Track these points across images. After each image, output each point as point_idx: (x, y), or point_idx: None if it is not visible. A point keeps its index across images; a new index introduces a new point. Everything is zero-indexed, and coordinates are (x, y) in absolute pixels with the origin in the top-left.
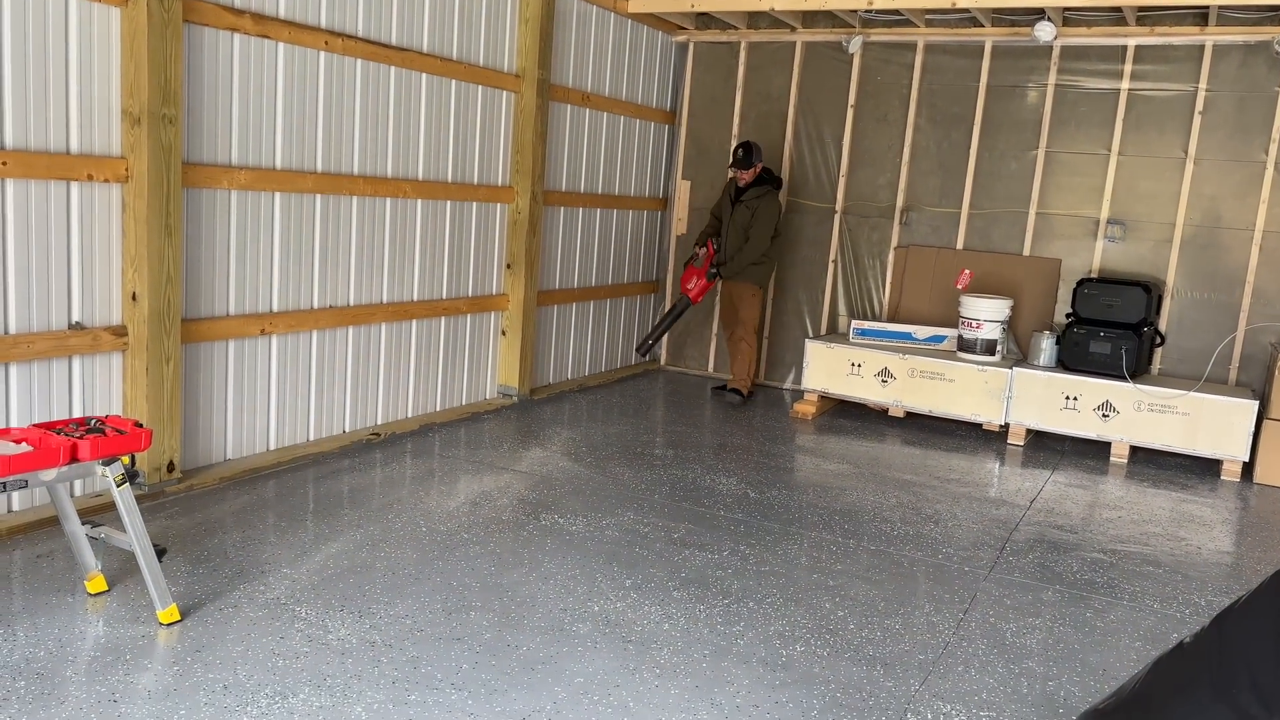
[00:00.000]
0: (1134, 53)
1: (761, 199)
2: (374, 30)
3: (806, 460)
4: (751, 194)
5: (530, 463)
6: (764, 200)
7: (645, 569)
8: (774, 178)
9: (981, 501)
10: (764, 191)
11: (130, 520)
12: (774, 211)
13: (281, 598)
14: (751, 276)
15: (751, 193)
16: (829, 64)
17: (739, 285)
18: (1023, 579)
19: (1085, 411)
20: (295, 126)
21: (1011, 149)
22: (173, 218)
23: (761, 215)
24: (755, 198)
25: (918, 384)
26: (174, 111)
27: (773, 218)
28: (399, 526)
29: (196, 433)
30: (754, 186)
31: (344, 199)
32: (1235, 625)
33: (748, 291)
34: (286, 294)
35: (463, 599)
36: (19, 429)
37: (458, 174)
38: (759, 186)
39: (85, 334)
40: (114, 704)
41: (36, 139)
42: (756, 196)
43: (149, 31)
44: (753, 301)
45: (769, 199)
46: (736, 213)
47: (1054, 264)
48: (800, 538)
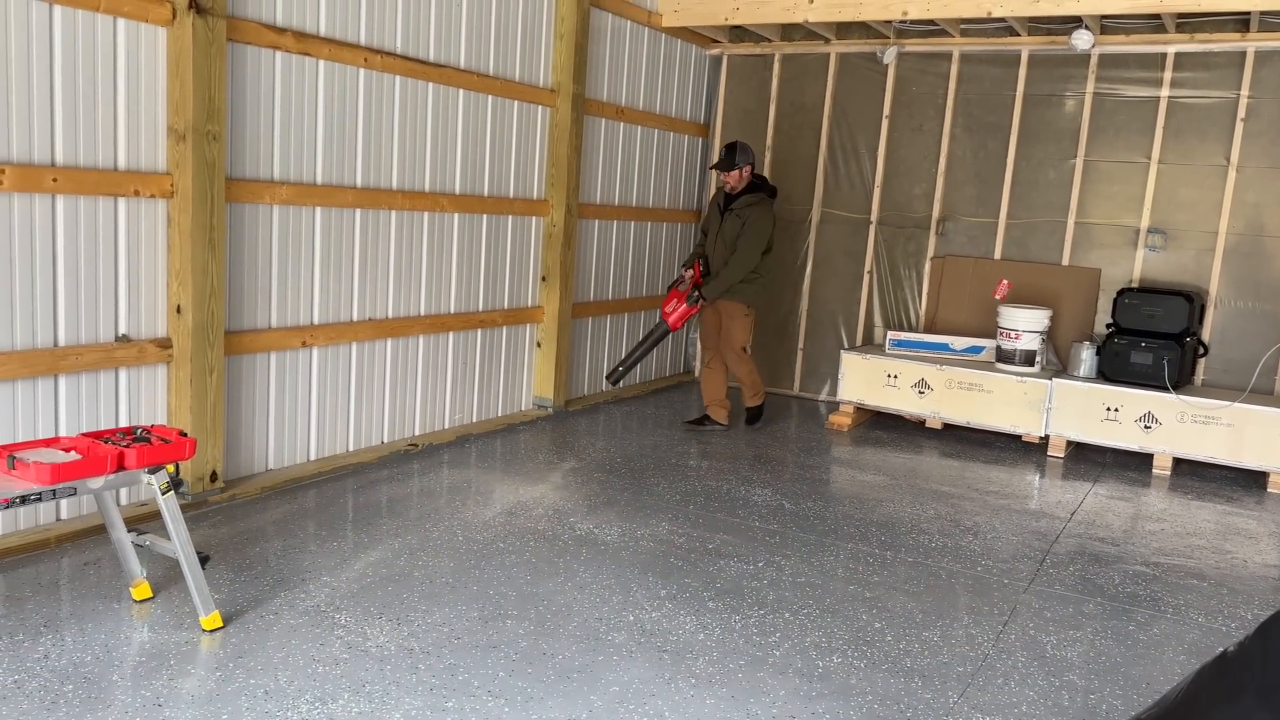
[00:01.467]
0: (1174, 60)
1: (753, 208)
2: (412, 47)
3: (842, 472)
4: (742, 202)
5: (565, 473)
6: (755, 210)
7: (680, 579)
8: (767, 185)
9: (1021, 514)
10: (756, 200)
11: (174, 528)
12: (766, 223)
13: (321, 605)
14: (740, 295)
15: (742, 201)
16: (863, 75)
17: (727, 304)
18: (1063, 591)
19: (1127, 423)
20: (335, 142)
21: (1049, 158)
22: (216, 232)
23: (751, 227)
24: (746, 206)
25: (955, 395)
26: (218, 128)
27: (764, 230)
28: (436, 536)
29: (239, 443)
30: (745, 194)
31: (383, 213)
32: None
33: (738, 312)
34: (327, 307)
35: (499, 607)
36: (68, 438)
37: (494, 188)
38: (750, 194)
39: (131, 346)
40: (158, 708)
41: (86, 156)
42: (747, 205)
43: (194, 51)
44: (744, 323)
45: (761, 209)
46: (725, 224)
47: (1093, 274)
48: (836, 549)
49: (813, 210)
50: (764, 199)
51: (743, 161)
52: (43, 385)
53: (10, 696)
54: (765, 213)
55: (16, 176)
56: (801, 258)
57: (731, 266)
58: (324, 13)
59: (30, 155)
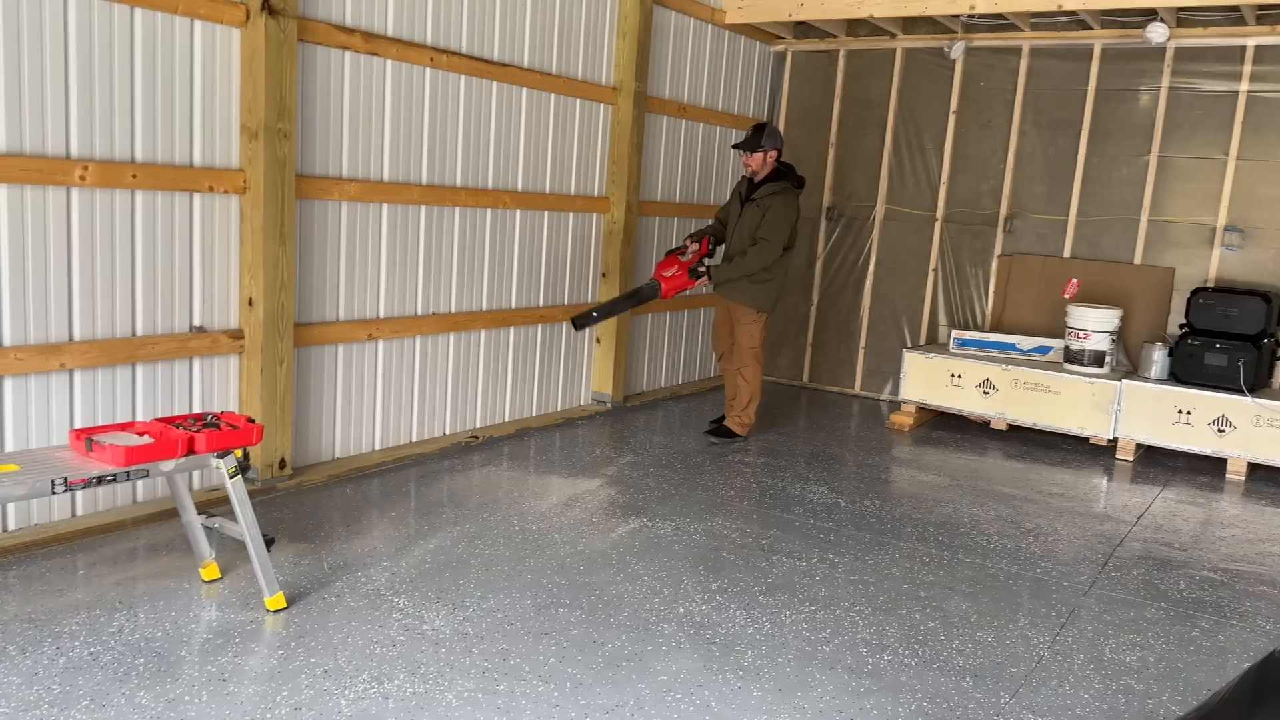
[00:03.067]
0: (1254, 53)
1: (775, 197)
2: (477, 47)
3: (901, 471)
4: (764, 191)
5: (621, 467)
6: (778, 200)
7: (731, 573)
8: (794, 174)
9: (1085, 516)
10: (780, 189)
11: (241, 510)
12: (789, 214)
13: (381, 589)
14: (750, 298)
15: (765, 189)
16: (930, 70)
17: (736, 306)
18: (1125, 595)
19: (1199, 426)
20: (402, 140)
21: (1122, 154)
22: (287, 227)
23: (773, 217)
24: (768, 195)
25: (1021, 396)
26: (289, 126)
27: (786, 221)
28: (494, 525)
29: (307, 432)
30: (768, 182)
31: (447, 209)
32: None
33: (746, 317)
34: (392, 301)
35: (552, 596)
36: (142, 423)
37: (555, 185)
38: (774, 183)
39: (205, 337)
40: (223, 683)
41: (164, 152)
42: (770, 194)
43: (266, 51)
44: (752, 329)
45: (784, 198)
46: (745, 213)
47: (1167, 273)
48: (892, 548)
49: (877, 207)
50: (788, 188)
51: (769, 145)
52: (121, 373)
53: (86, 667)
54: (789, 203)
55: (99, 173)
56: (864, 255)
57: (750, 257)
58: (391, 13)
59: (111, 152)
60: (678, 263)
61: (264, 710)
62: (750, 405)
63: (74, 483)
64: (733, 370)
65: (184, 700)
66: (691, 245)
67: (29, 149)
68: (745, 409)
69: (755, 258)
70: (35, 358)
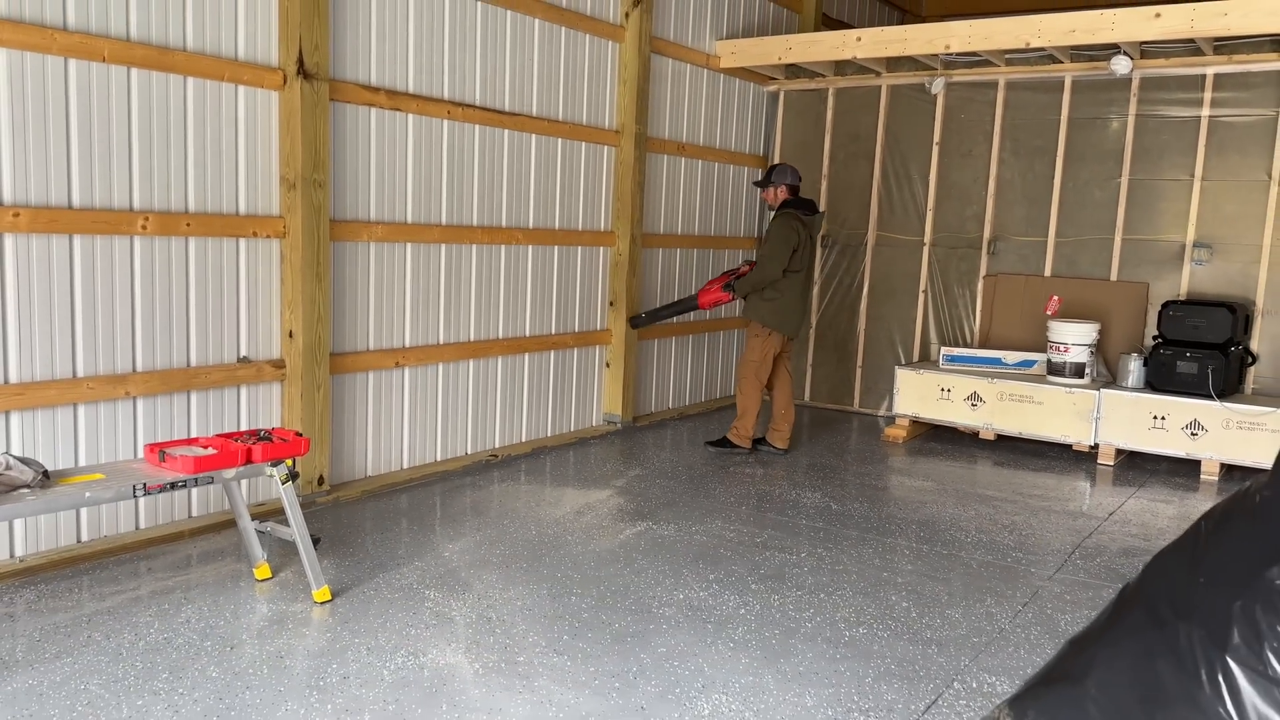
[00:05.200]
0: (1213, 80)
1: (774, 221)
2: (490, 99)
3: (892, 478)
4: (772, 219)
5: (630, 480)
6: (775, 223)
7: (728, 566)
8: (798, 201)
9: (1060, 514)
10: (779, 214)
11: (292, 512)
12: (783, 234)
13: (413, 584)
14: (759, 314)
15: (772, 218)
16: (913, 104)
17: (749, 324)
18: (1086, 579)
19: (1173, 430)
20: (423, 185)
21: (1095, 178)
22: (322, 266)
23: (770, 238)
24: (771, 220)
25: (1007, 407)
26: (323, 176)
27: (781, 239)
28: (513, 530)
29: (342, 451)
30: (777, 212)
31: (465, 247)
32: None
33: (752, 331)
34: (417, 331)
35: (565, 587)
36: (205, 437)
37: (564, 221)
38: (780, 211)
39: (250, 366)
40: (280, 659)
41: (213, 203)
42: (772, 220)
43: (302, 111)
44: (754, 343)
45: (780, 220)
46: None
47: (1141, 288)
48: (876, 543)
49: (868, 234)
50: (785, 212)
51: (778, 180)
52: (178, 399)
53: (161, 648)
54: (784, 224)
55: (158, 222)
56: (858, 279)
57: (751, 274)
58: (412, 73)
59: (168, 204)
60: (715, 282)
61: (317, 679)
62: (745, 417)
63: (152, 488)
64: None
65: (248, 673)
66: (744, 268)
67: (98, 204)
68: (741, 420)
69: (755, 275)
70: (104, 386)
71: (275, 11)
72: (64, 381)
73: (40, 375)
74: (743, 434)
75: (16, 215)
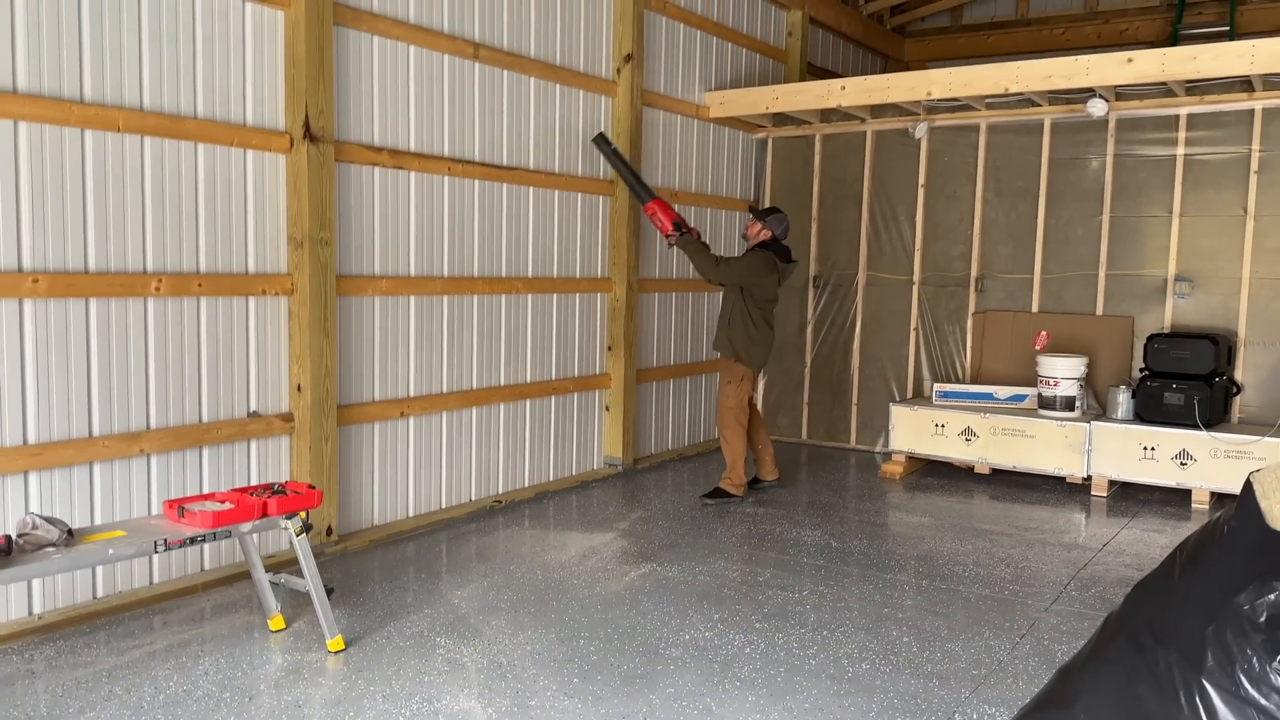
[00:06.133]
0: (1187, 120)
1: (750, 251)
2: (488, 155)
3: (890, 514)
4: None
5: (633, 522)
6: (751, 251)
7: (732, 606)
8: (775, 247)
9: (1055, 546)
10: (759, 249)
11: (306, 563)
12: (749, 261)
13: (424, 631)
14: (741, 348)
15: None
16: (898, 148)
17: (723, 363)
18: (1082, 609)
19: (1164, 461)
20: (425, 239)
21: (1077, 216)
22: (329, 321)
23: (738, 257)
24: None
25: (1000, 441)
26: (329, 235)
27: (748, 264)
28: (519, 575)
29: (349, 501)
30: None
31: (466, 298)
32: (1142, 585)
33: (727, 373)
34: (421, 380)
35: (573, 630)
36: (222, 492)
37: (562, 269)
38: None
39: (260, 421)
40: (299, 709)
41: (224, 263)
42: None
43: (308, 172)
44: (730, 389)
45: (752, 252)
46: None
47: (1127, 321)
48: (876, 579)
49: (859, 274)
50: (760, 249)
51: (772, 225)
52: (190, 455)
53: (182, 701)
54: (759, 257)
55: (171, 284)
56: (850, 318)
57: (701, 253)
58: (413, 132)
59: (180, 265)
60: (676, 215)
61: None
62: (735, 466)
63: (172, 543)
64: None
65: None
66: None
67: (114, 267)
68: (732, 470)
69: (703, 258)
70: (120, 445)
71: (282, 78)
72: (81, 441)
73: (58, 435)
74: (736, 482)
75: (36, 281)
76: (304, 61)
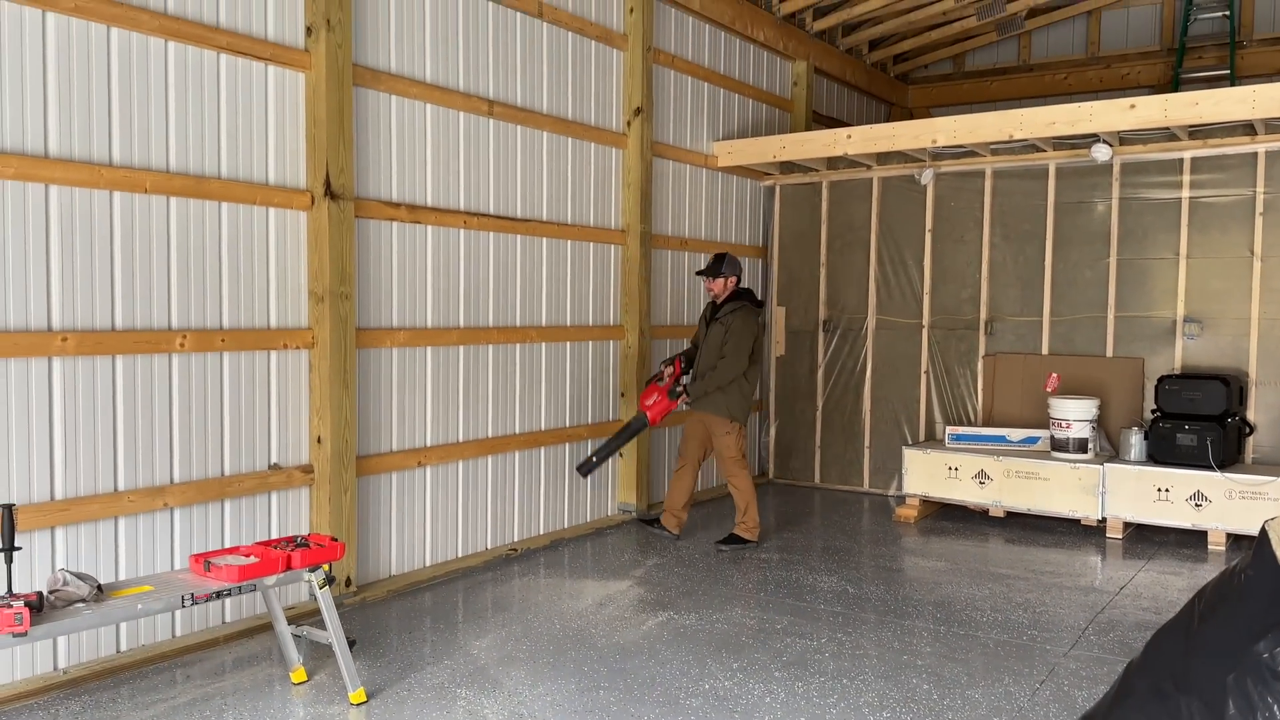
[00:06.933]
0: (1191, 164)
1: (736, 314)
2: (503, 207)
3: (906, 559)
4: (726, 310)
5: (648, 569)
6: (738, 316)
7: (750, 654)
8: (751, 296)
9: (1072, 590)
10: (739, 307)
11: (329, 615)
12: (750, 328)
13: (444, 683)
14: (722, 409)
15: (727, 308)
16: (904, 194)
17: (711, 419)
18: (1101, 654)
19: (1178, 502)
20: (442, 290)
21: (1084, 259)
22: (349, 374)
23: (736, 333)
24: (730, 313)
25: (1014, 484)
26: (349, 289)
27: (749, 334)
28: (537, 625)
29: (367, 552)
30: (729, 303)
31: (482, 347)
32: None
33: (720, 428)
34: (437, 430)
35: (592, 681)
36: (246, 546)
37: (575, 318)
38: (734, 302)
39: (281, 473)
40: None
41: (246, 318)
42: (731, 312)
43: (329, 229)
44: (728, 440)
45: (743, 314)
46: (711, 331)
47: (1137, 363)
48: (894, 626)
49: (868, 318)
50: (747, 306)
51: (729, 271)
52: (212, 508)
53: None
54: (748, 318)
55: (195, 340)
56: (860, 362)
57: (719, 370)
58: (430, 187)
59: (204, 321)
60: (657, 389)
61: None
62: (750, 509)
63: (199, 597)
64: (687, 476)
65: None
66: (666, 369)
67: (140, 324)
68: (746, 514)
69: (723, 371)
70: (144, 499)
71: (303, 138)
72: (106, 496)
73: (84, 490)
74: (750, 526)
75: (65, 340)
76: (325, 122)
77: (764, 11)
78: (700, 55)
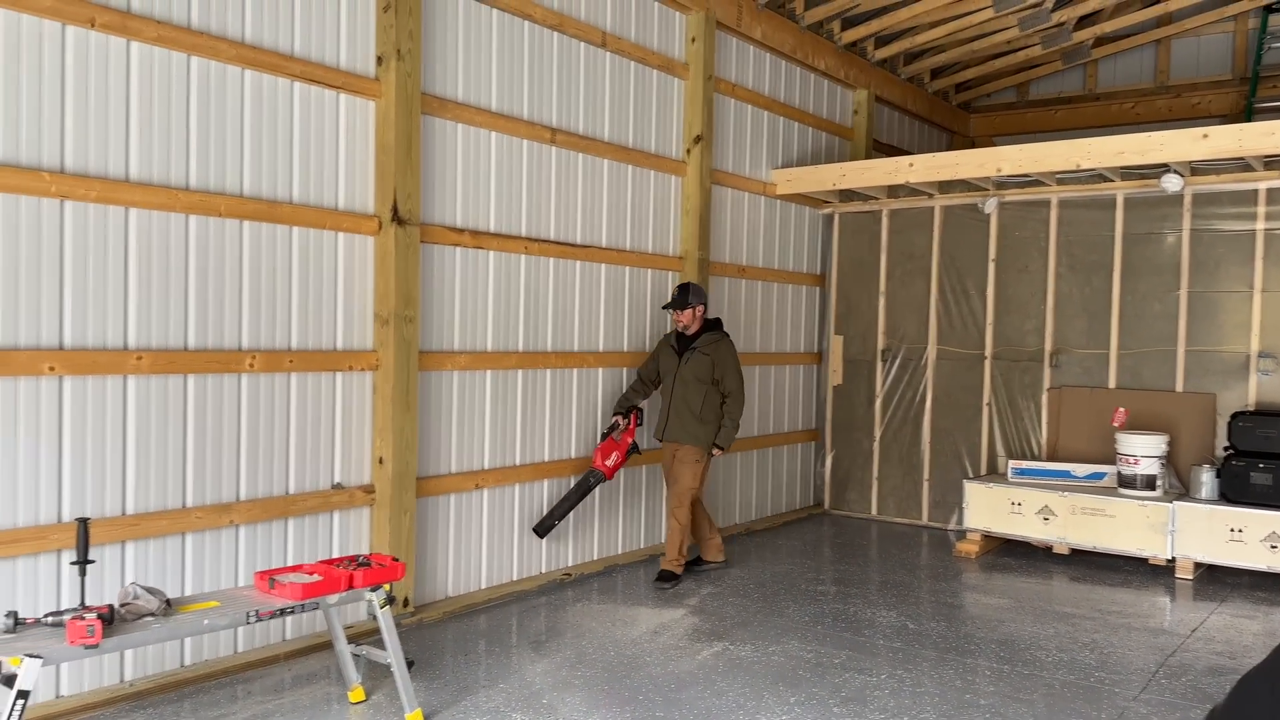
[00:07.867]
0: (1266, 195)
1: (719, 345)
2: (563, 233)
3: (967, 595)
4: (705, 340)
5: (703, 598)
6: (723, 346)
7: (808, 688)
8: (720, 324)
9: (1140, 631)
10: (719, 337)
11: (388, 636)
12: (737, 359)
13: (500, 706)
14: (701, 438)
15: (705, 339)
16: (967, 223)
17: (684, 448)
18: (1173, 699)
19: (1252, 543)
20: (502, 315)
21: (1153, 291)
22: (411, 396)
23: (729, 366)
24: (711, 344)
25: (1080, 520)
26: (413, 312)
27: (738, 364)
28: (591, 652)
29: (425, 573)
30: (705, 333)
31: (540, 372)
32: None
33: (691, 455)
34: (496, 453)
35: (648, 710)
36: (310, 564)
37: (633, 344)
38: (712, 332)
39: (343, 493)
40: None
41: (313, 340)
42: (712, 343)
43: (395, 253)
44: (695, 469)
45: (728, 344)
46: (688, 363)
47: (1209, 399)
48: (956, 663)
49: (928, 349)
50: (727, 336)
51: (695, 301)
52: (276, 526)
53: None
54: (733, 348)
55: (264, 360)
56: (920, 393)
57: (731, 407)
58: (494, 215)
59: (274, 342)
60: (615, 448)
61: None
62: (683, 544)
63: (264, 614)
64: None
65: None
66: (621, 421)
67: (211, 345)
68: (679, 547)
69: (737, 409)
70: (211, 515)
71: (372, 165)
72: (175, 512)
73: (154, 506)
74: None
75: (140, 359)
76: (393, 148)
77: (825, 40)
78: (760, 84)
